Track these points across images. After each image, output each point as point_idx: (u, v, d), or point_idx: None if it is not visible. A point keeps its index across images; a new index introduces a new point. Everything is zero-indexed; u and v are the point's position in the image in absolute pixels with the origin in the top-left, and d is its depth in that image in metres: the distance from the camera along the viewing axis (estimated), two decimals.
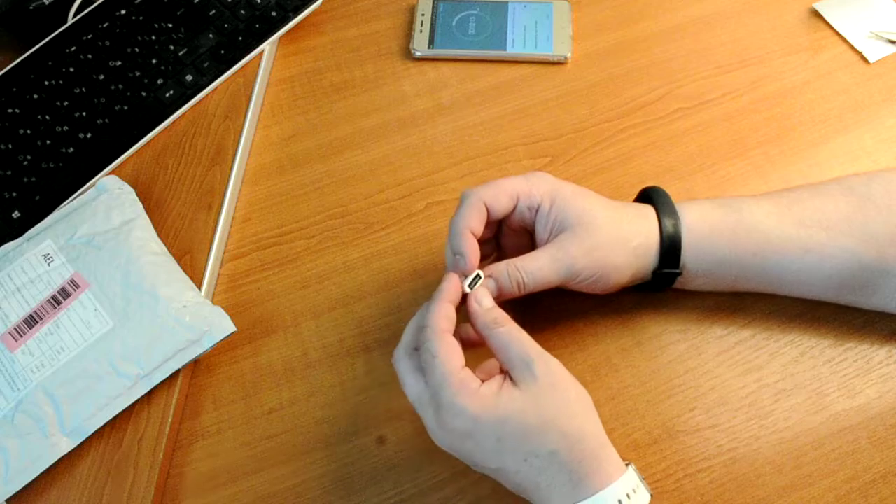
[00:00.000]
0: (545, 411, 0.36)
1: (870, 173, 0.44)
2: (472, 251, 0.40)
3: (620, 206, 0.43)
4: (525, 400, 0.36)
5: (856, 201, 0.42)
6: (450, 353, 0.37)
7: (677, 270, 0.43)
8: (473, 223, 0.41)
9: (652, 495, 0.37)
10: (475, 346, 0.41)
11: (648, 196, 0.45)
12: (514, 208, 0.42)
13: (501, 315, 0.39)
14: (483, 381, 0.37)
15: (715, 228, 0.43)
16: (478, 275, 0.40)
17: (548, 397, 0.36)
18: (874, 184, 0.43)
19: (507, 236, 0.45)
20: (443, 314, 0.39)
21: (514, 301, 0.47)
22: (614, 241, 0.42)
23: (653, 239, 0.42)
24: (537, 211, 0.42)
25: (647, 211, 0.43)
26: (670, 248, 0.42)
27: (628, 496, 0.35)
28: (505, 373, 0.38)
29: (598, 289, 0.43)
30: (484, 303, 0.40)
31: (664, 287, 0.45)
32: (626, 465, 0.37)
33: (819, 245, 0.42)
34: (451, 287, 0.40)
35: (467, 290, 0.40)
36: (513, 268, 0.41)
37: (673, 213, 0.43)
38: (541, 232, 0.42)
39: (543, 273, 0.41)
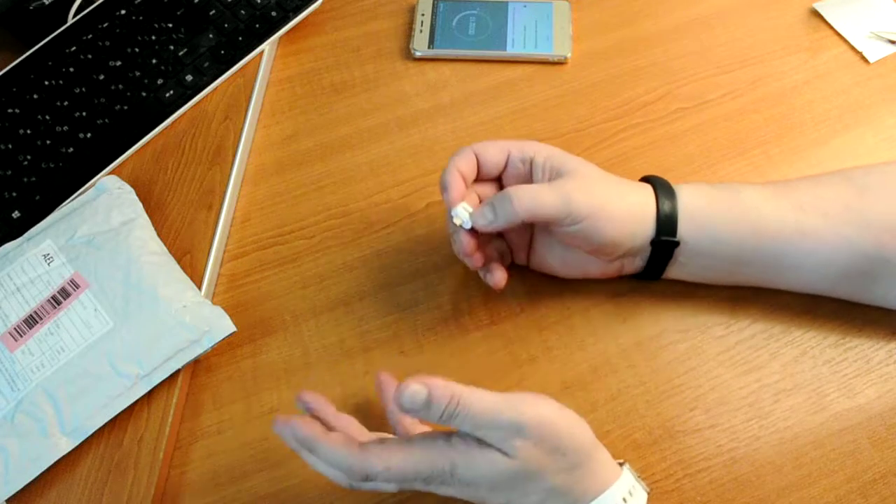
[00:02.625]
0: (535, 465, 0.34)
1: (869, 165, 0.44)
2: (456, 186, 0.42)
3: (615, 176, 0.44)
4: (511, 463, 0.34)
5: (854, 190, 0.42)
6: (383, 454, 0.35)
7: (675, 239, 0.42)
8: (463, 165, 0.43)
9: (648, 492, 0.37)
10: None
11: (646, 180, 0.45)
12: (507, 164, 0.44)
13: (446, 401, 0.33)
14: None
15: (712, 204, 0.43)
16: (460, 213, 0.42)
17: (535, 455, 0.34)
18: (873, 174, 0.43)
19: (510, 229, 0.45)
20: (337, 445, 0.35)
21: (514, 300, 0.47)
22: (611, 190, 0.42)
23: (650, 207, 0.42)
24: (531, 163, 0.43)
25: (644, 185, 0.44)
26: (667, 218, 0.42)
27: (625, 500, 0.35)
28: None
29: (592, 243, 0.42)
30: (417, 399, 0.33)
31: (662, 269, 0.45)
32: (621, 464, 0.37)
33: (816, 230, 0.42)
34: (314, 430, 0.36)
35: (455, 223, 0.43)
36: (509, 190, 0.41)
37: (670, 190, 0.43)
38: (537, 181, 0.43)
39: (539, 195, 0.41)
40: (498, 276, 0.45)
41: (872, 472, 0.42)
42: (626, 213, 0.42)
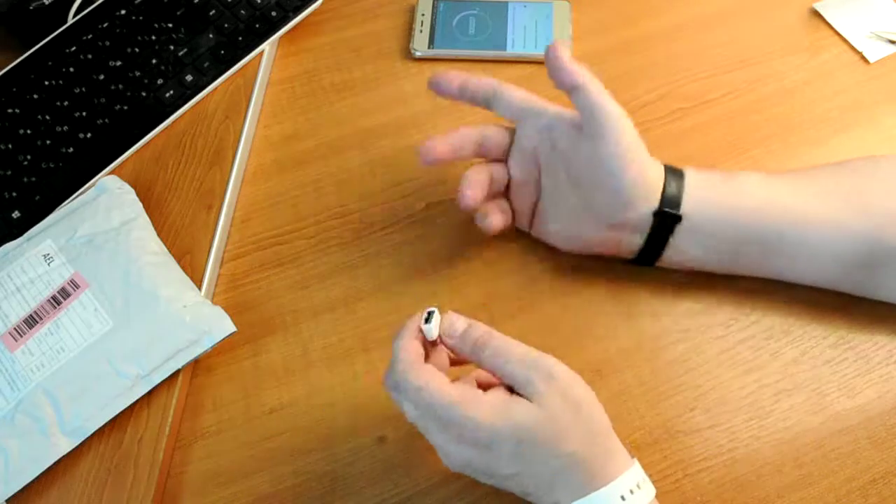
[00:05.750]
0: (559, 420, 0.35)
1: (874, 156, 0.45)
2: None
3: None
4: (538, 412, 0.35)
5: (858, 179, 0.43)
6: (432, 378, 0.36)
7: (678, 212, 0.43)
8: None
9: (655, 492, 0.37)
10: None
11: None
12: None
13: (481, 333, 0.37)
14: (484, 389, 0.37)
15: (716, 185, 0.43)
16: (430, 313, 0.38)
17: (559, 406, 0.35)
18: (878, 164, 0.44)
19: (514, 192, 0.47)
20: (409, 349, 0.37)
21: (514, 300, 0.47)
22: (638, 144, 0.43)
23: (658, 179, 0.43)
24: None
25: (655, 160, 0.44)
26: (673, 193, 0.42)
27: (638, 486, 0.36)
28: (509, 387, 0.37)
29: (610, 186, 0.43)
30: (457, 327, 0.38)
31: (661, 248, 0.44)
32: (632, 458, 0.38)
33: (818, 216, 0.42)
34: (412, 325, 0.38)
35: (424, 326, 0.38)
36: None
37: (678, 170, 0.44)
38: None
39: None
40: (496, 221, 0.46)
41: (872, 472, 0.42)
42: (643, 170, 0.43)
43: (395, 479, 0.44)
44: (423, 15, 0.61)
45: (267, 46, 0.59)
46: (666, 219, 0.43)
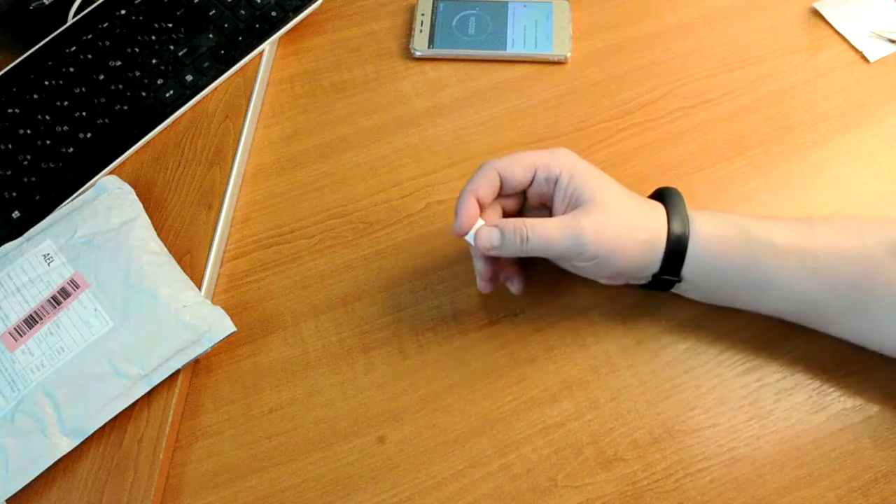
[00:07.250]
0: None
1: (888, 221, 0.42)
2: (467, 214, 0.42)
3: (636, 197, 0.44)
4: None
5: (868, 266, 0.41)
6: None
7: (677, 278, 0.43)
8: (481, 190, 0.42)
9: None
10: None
11: (662, 197, 0.44)
12: (533, 180, 0.43)
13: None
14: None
15: (722, 247, 0.42)
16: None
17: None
18: (885, 235, 0.41)
19: (529, 213, 0.45)
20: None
21: (514, 300, 0.47)
22: (624, 227, 0.42)
23: (660, 240, 0.42)
24: (556, 183, 0.43)
25: (661, 210, 0.43)
26: (675, 253, 0.42)
27: None
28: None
29: (601, 274, 0.43)
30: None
31: (660, 290, 0.45)
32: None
33: (824, 302, 0.41)
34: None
35: (470, 241, 0.43)
36: (520, 223, 0.41)
37: (684, 220, 0.42)
38: (557, 204, 0.43)
39: (549, 234, 0.41)
40: (517, 286, 0.47)
41: (874, 471, 0.42)
42: (637, 251, 0.42)
43: (394, 479, 0.44)
44: (423, 15, 0.61)
45: (267, 46, 0.59)
46: (664, 281, 0.43)
